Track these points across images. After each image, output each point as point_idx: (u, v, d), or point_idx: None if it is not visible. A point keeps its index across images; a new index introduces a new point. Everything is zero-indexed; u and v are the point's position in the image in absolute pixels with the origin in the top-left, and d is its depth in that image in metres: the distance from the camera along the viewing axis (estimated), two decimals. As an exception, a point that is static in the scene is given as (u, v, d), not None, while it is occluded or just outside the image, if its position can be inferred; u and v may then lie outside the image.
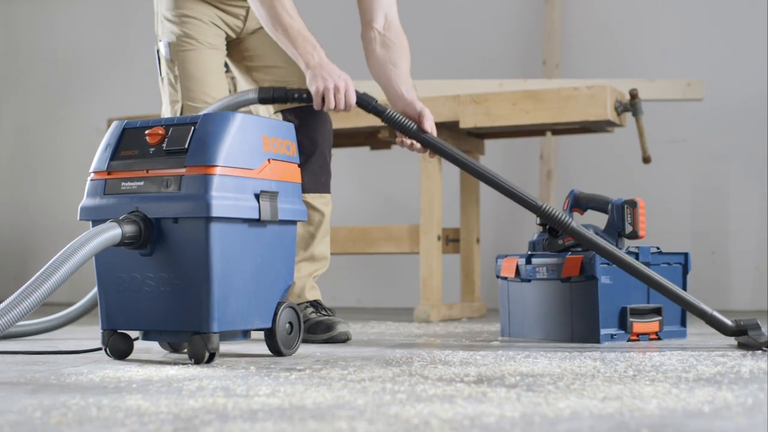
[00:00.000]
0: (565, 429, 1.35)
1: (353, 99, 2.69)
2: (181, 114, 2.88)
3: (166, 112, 2.94)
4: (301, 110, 2.94)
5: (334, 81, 2.66)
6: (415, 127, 2.75)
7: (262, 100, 2.72)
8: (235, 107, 2.70)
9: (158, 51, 2.94)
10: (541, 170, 5.14)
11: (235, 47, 3.04)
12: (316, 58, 2.70)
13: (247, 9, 2.97)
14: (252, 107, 3.04)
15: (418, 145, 2.79)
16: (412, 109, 2.80)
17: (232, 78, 3.51)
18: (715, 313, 2.59)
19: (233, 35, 3.01)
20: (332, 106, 2.67)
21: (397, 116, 2.75)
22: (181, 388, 1.81)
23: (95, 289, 2.46)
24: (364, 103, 2.73)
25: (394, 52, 2.92)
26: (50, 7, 6.58)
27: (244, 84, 3.05)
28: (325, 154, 2.98)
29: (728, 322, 2.59)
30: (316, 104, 2.69)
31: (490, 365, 2.16)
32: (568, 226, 2.67)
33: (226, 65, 3.11)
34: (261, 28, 3.01)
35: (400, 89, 2.86)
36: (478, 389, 1.76)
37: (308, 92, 2.71)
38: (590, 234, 2.67)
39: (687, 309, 2.63)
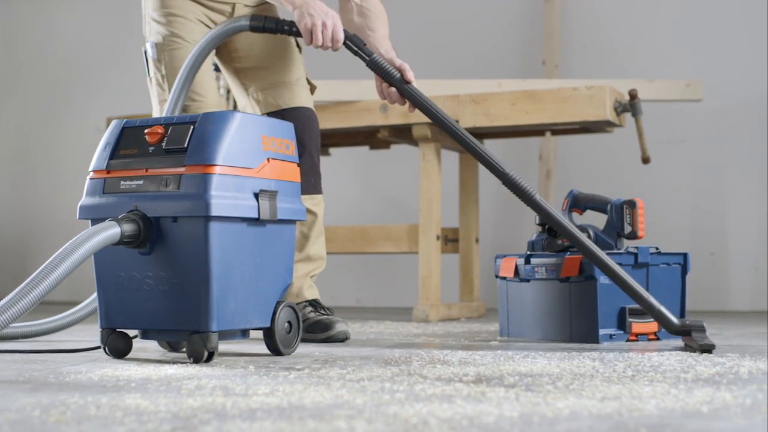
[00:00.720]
0: (563, 429, 1.35)
1: (341, 35, 2.75)
2: None
3: (156, 112, 2.95)
4: (288, 112, 2.95)
5: (322, 18, 2.72)
6: (399, 76, 2.80)
7: (253, 28, 2.79)
8: (227, 34, 2.80)
9: (145, 52, 2.96)
10: (540, 170, 5.14)
11: (223, 48, 3.03)
12: None
13: (233, 5, 2.97)
14: (241, 107, 3.04)
15: (397, 96, 2.82)
16: (392, 64, 2.84)
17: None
18: (663, 309, 2.57)
19: None
20: (320, 42, 2.73)
21: (382, 63, 2.80)
22: (180, 387, 1.81)
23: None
24: (352, 43, 2.78)
25: (372, 19, 2.97)
26: (50, 6, 6.58)
27: (235, 87, 3.04)
28: (313, 155, 2.97)
29: (674, 320, 2.57)
30: (306, 40, 2.75)
31: (489, 365, 2.16)
32: (531, 198, 2.65)
33: (217, 68, 3.12)
34: None
35: (378, 51, 2.90)
36: (477, 389, 1.76)
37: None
38: (551, 208, 2.65)
39: (633, 298, 2.58)
